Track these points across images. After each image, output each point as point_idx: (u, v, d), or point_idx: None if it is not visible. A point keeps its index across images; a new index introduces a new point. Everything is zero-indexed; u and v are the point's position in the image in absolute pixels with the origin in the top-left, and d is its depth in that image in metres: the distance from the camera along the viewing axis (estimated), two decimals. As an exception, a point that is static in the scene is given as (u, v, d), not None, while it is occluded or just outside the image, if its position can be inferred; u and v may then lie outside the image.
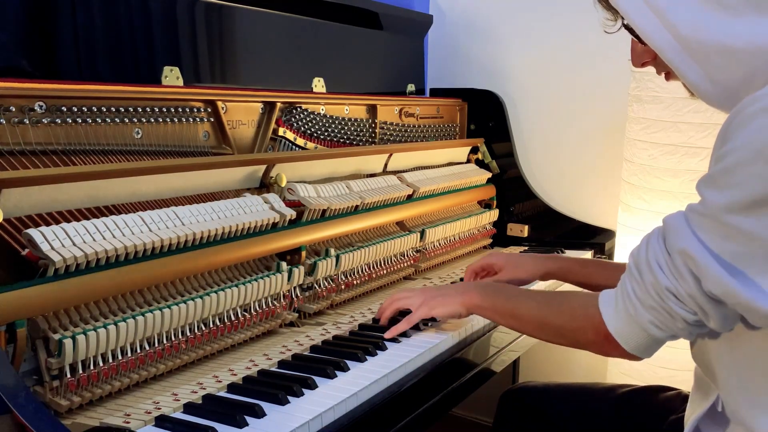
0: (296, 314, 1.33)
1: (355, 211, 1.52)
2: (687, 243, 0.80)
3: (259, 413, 0.90)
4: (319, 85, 1.74)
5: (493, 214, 2.08)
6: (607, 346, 0.92)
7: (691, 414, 0.96)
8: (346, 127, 1.73)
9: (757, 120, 0.74)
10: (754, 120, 0.74)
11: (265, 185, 1.38)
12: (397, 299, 1.25)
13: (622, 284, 0.91)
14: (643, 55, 0.95)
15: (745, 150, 0.75)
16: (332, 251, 1.42)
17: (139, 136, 1.23)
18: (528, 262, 1.39)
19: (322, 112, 1.66)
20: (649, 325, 0.86)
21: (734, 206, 0.76)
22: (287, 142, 1.55)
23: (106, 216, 1.04)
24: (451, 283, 1.61)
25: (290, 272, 1.28)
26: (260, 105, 1.49)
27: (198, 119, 1.34)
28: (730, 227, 0.76)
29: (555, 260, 1.39)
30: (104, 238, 0.99)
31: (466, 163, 2.12)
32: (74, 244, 0.95)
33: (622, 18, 0.92)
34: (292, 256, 1.33)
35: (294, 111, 1.57)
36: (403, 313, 1.24)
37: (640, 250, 0.88)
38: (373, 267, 1.54)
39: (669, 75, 0.94)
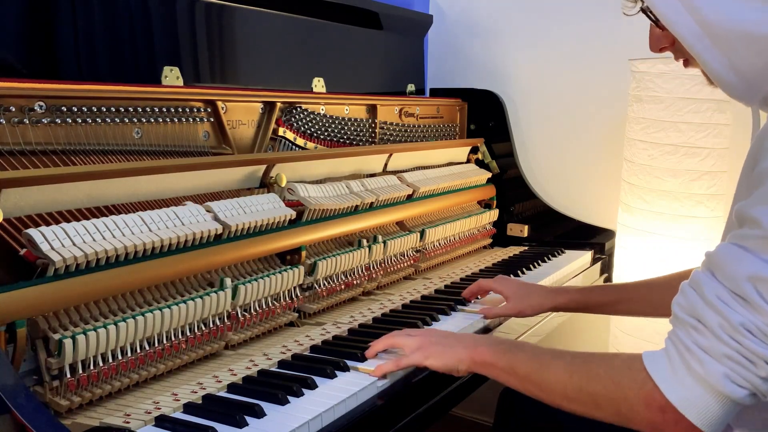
0: (296, 314, 1.33)
1: (355, 211, 1.52)
2: (756, 268, 0.71)
3: (259, 413, 0.90)
4: (319, 85, 1.74)
5: (493, 214, 2.08)
6: (664, 421, 0.75)
7: None
8: (346, 127, 1.72)
9: None
10: None
11: (265, 185, 1.38)
12: (394, 336, 1.09)
13: (673, 341, 0.76)
14: (662, 39, 0.91)
15: None
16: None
17: (139, 136, 1.23)
18: (537, 294, 1.33)
19: (322, 112, 1.66)
20: (724, 380, 0.71)
21: None
22: (287, 142, 1.55)
23: (106, 216, 1.04)
24: (452, 283, 1.61)
25: (290, 272, 1.28)
26: (260, 105, 1.49)
27: (198, 119, 1.34)
28: None
29: (563, 293, 1.34)
30: (104, 238, 0.99)
31: (466, 163, 2.11)
32: (74, 244, 0.95)
33: (642, 0, 0.89)
34: (292, 256, 1.33)
35: (294, 111, 1.57)
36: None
37: (687, 296, 0.76)
38: (373, 267, 1.54)
39: (687, 62, 0.91)
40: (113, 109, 1.17)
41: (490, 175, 2.12)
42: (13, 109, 1.03)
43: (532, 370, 0.91)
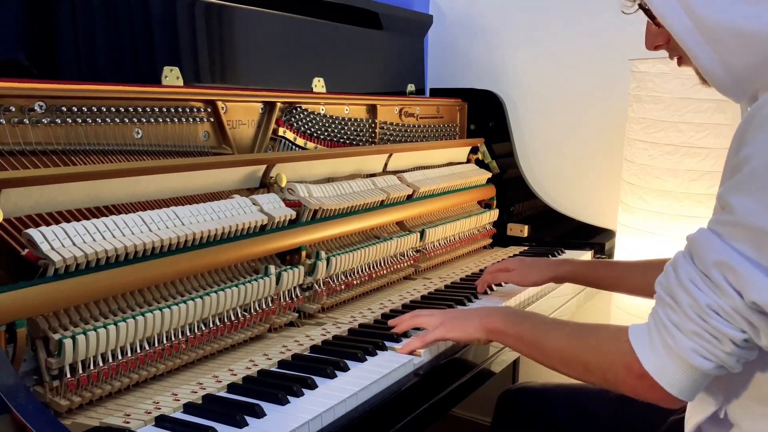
0: (296, 314, 1.33)
1: (355, 211, 1.52)
2: (722, 254, 0.75)
3: (259, 413, 0.90)
4: (319, 85, 1.74)
5: (493, 214, 2.08)
6: (642, 387, 0.83)
7: (691, 417, 0.96)
8: (346, 127, 1.73)
9: None
10: None
11: (265, 185, 1.38)
12: (418, 315, 1.19)
13: (654, 316, 0.83)
14: (658, 37, 0.94)
15: None
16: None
17: (139, 136, 1.23)
18: (540, 264, 1.41)
19: (322, 112, 1.66)
20: (693, 354, 0.78)
21: (766, 210, 0.73)
22: (287, 142, 1.55)
23: (106, 216, 1.04)
24: (452, 283, 1.62)
25: (291, 272, 1.28)
26: (260, 105, 1.49)
27: (198, 119, 1.34)
28: (765, 232, 0.73)
29: (565, 264, 1.41)
30: (104, 238, 0.99)
31: (466, 163, 2.11)
32: (74, 244, 0.95)
33: None
34: (291, 256, 1.33)
35: (294, 111, 1.57)
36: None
37: (668, 276, 0.82)
38: (373, 267, 1.54)
39: (681, 60, 0.93)
40: (113, 109, 1.17)
41: (490, 175, 2.12)
42: (13, 109, 1.03)
43: (536, 338, 1.01)
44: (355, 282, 1.48)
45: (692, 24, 0.83)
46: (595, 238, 2.06)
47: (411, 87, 2.15)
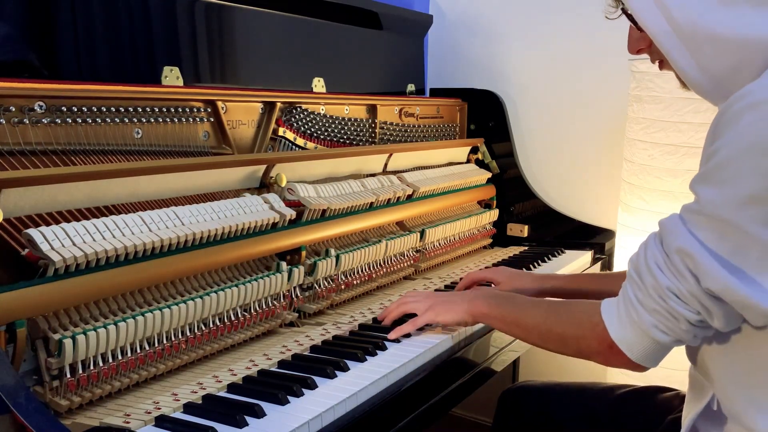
0: (296, 314, 1.33)
1: (355, 211, 1.52)
2: (683, 241, 0.80)
3: (259, 413, 0.90)
4: (319, 85, 1.74)
5: (493, 214, 2.08)
6: (611, 355, 0.90)
7: (688, 413, 0.96)
8: (346, 127, 1.73)
9: (745, 116, 0.75)
10: (742, 116, 0.75)
11: (265, 185, 1.38)
12: (404, 302, 1.25)
13: (623, 291, 0.90)
14: (639, 41, 0.96)
15: (736, 146, 0.75)
16: (332, 251, 1.42)
17: (139, 136, 1.23)
18: (525, 279, 1.41)
19: (322, 112, 1.66)
20: (653, 329, 0.85)
21: (728, 202, 0.76)
22: (287, 142, 1.55)
23: (106, 216, 1.04)
24: (452, 283, 1.62)
25: (290, 272, 1.28)
26: (260, 105, 1.49)
27: (198, 119, 1.34)
28: (726, 223, 0.77)
29: (551, 279, 1.41)
30: (104, 238, 0.99)
31: (466, 163, 2.12)
32: (74, 244, 0.95)
33: (623, 2, 0.93)
34: (292, 256, 1.33)
35: (294, 111, 1.57)
36: (409, 315, 1.24)
37: (639, 255, 0.88)
38: (373, 267, 1.54)
39: (662, 64, 0.95)
40: (113, 109, 1.17)
41: (490, 175, 2.12)
42: (13, 109, 1.03)
43: (516, 317, 1.09)
44: (355, 282, 1.48)
45: (670, 28, 0.85)
46: (595, 238, 2.06)
47: (411, 87, 2.15)
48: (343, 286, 1.44)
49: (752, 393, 0.85)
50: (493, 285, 1.43)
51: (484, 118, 2.22)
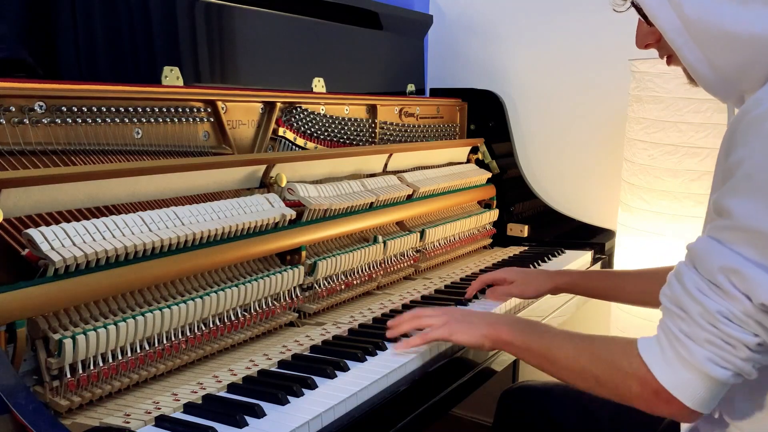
0: (296, 314, 1.33)
1: (355, 211, 1.52)
2: (726, 260, 0.75)
3: (259, 413, 0.90)
4: (319, 85, 1.74)
5: (493, 214, 2.08)
6: (657, 401, 0.82)
7: None
8: (346, 127, 1.73)
9: (767, 122, 0.73)
10: (763, 122, 0.74)
11: (265, 185, 1.38)
12: (418, 315, 1.16)
13: (663, 328, 0.82)
14: (648, 36, 0.95)
15: (762, 153, 0.73)
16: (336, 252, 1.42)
17: (139, 136, 1.23)
18: (539, 276, 1.41)
19: (322, 112, 1.66)
20: (708, 363, 0.77)
21: (765, 211, 0.73)
22: (287, 142, 1.55)
23: (106, 216, 1.04)
24: (452, 283, 1.61)
25: (290, 272, 1.28)
26: (260, 105, 1.49)
27: (198, 119, 1.34)
28: (766, 234, 0.73)
29: (564, 275, 1.41)
30: (104, 238, 0.99)
31: (466, 163, 2.11)
32: (74, 244, 0.95)
33: None
34: (292, 256, 1.33)
35: (294, 111, 1.57)
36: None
37: (672, 287, 0.82)
38: (373, 267, 1.54)
39: (670, 59, 0.94)
40: (113, 109, 1.17)
41: (490, 175, 2.12)
42: (13, 109, 1.03)
43: (545, 350, 0.98)
44: (355, 282, 1.48)
45: (681, 23, 0.84)
46: (595, 238, 2.06)
47: (411, 87, 2.15)
48: (343, 286, 1.44)
49: (759, 401, 0.83)
50: (505, 284, 1.44)
51: (484, 118, 2.22)
